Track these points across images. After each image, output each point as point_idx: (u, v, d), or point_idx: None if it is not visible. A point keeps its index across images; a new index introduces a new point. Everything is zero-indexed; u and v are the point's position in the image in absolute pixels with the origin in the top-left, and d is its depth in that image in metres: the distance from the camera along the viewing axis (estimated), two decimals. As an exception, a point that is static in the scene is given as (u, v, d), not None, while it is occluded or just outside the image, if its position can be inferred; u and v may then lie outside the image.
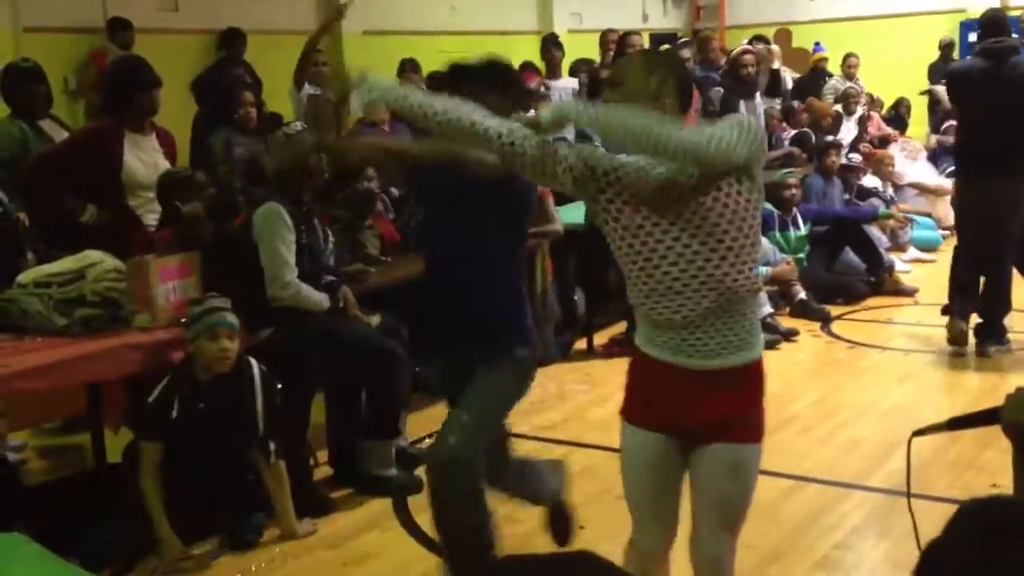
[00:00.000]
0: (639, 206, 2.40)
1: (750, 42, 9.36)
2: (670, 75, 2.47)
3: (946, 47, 12.12)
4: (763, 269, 7.00)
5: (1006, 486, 4.45)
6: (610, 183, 2.43)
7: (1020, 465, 1.71)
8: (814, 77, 10.85)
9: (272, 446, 4.00)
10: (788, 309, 7.20)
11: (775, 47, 9.38)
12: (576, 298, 6.69)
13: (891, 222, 8.57)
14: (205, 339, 3.90)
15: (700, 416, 2.51)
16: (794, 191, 7.53)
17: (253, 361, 4.03)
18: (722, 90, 7.81)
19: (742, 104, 7.81)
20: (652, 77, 2.45)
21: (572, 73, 9.00)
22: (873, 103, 10.88)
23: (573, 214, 6.24)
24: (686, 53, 8.64)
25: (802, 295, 7.20)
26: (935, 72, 11.92)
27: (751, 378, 2.54)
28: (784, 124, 9.91)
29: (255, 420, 3.96)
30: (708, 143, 2.26)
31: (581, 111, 2.39)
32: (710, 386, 2.48)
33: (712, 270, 2.38)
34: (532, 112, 2.62)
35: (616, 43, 8.85)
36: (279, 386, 4.07)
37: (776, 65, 9.27)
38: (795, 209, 7.63)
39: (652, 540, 2.69)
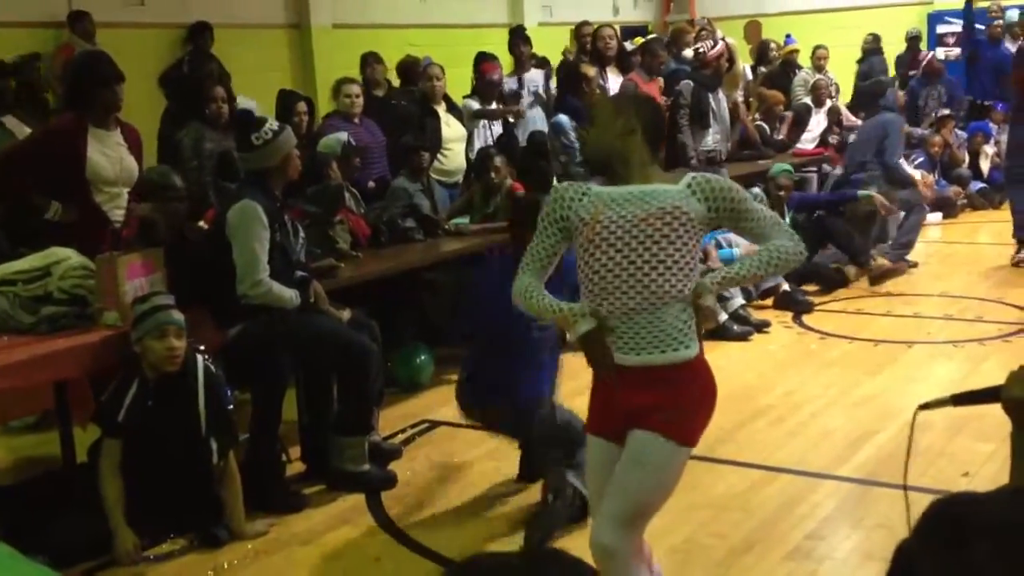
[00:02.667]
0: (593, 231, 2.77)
1: (701, 34, 9.41)
2: (636, 116, 2.81)
3: (913, 39, 12.20)
4: (736, 251, 6.98)
5: (976, 474, 4.51)
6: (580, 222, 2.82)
7: (1018, 443, 1.72)
8: (785, 70, 10.89)
9: (214, 445, 3.96)
10: (772, 300, 7.23)
11: (732, 40, 9.43)
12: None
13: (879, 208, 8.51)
14: (152, 338, 3.85)
15: (621, 410, 2.75)
16: (782, 192, 7.57)
17: (200, 359, 4.00)
18: (691, 83, 7.82)
19: (711, 97, 7.82)
20: (619, 119, 2.80)
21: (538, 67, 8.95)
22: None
23: (545, 207, 6.22)
24: (661, 51, 8.62)
25: (785, 286, 7.23)
26: (902, 64, 12.01)
27: (677, 379, 2.74)
28: (756, 115, 9.96)
29: (199, 418, 3.93)
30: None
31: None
32: (632, 383, 2.72)
33: (641, 276, 2.69)
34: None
35: (591, 36, 8.83)
36: (226, 386, 4.05)
37: (720, 36, 9.29)
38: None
39: None
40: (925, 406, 2.07)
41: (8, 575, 3.20)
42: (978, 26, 11.72)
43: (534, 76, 8.56)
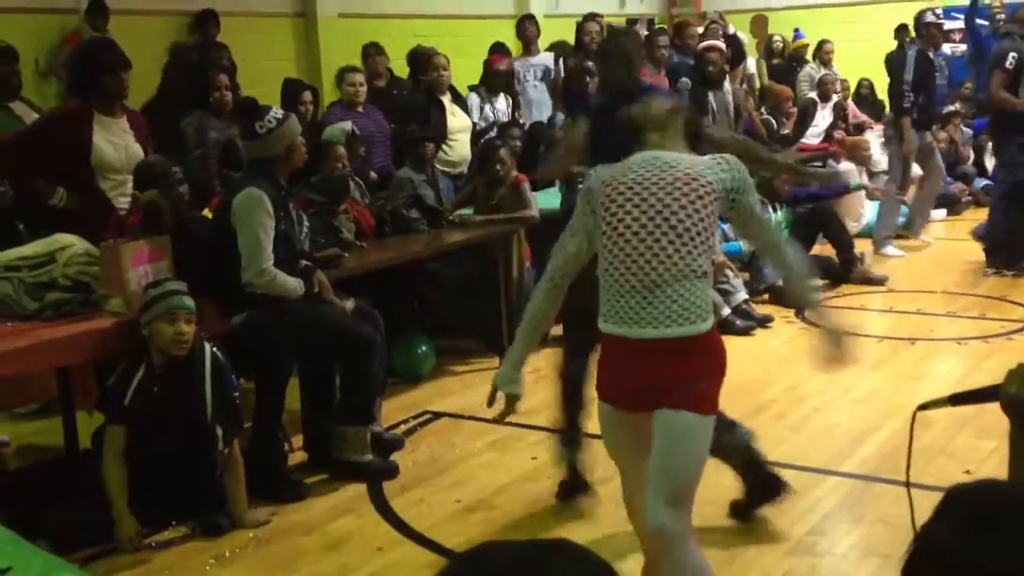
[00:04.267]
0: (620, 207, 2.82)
1: (709, 31, 9.37)
2: (683, 107, 3.13)
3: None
4: (743, 243, 6.95)
5: (978, 472, 4.50)
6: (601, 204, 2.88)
7: (1017, 441, 1.72)
8: (792, 64, 10.87)
9: (220, 432, 3.96)
10: (770, 295, 7.23)
11: (742, 34, 9.41)
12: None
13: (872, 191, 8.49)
14: (162, 322, 3.87)
15: (639, 383, 2.77)
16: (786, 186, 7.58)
17: (207, 345, 4.00)
18: (690, 82, 7.77)
19: (711, 95, 7.78)
20: (669, 99, 3.18)
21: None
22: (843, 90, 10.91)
23: (549, 200, 6.23)
24: (663, 40, 8.62)
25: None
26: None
27: (693, 351, 2.76)
28: (761, 110, 9.94)
29: (204, 406, 3.94)
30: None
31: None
32: (648, 355, 2.74)
33: (661, 249, 2.73)
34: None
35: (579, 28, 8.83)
36: (233, 374, 4.05)
37: (732, 30, 9.27)
38: None
39: (636, 495, 2.86)
40: (924, 407, 2.07)
41: (10, 560, 3.22)
42: (980, 21, 11.67)
43: (543, 58, 8.58)
